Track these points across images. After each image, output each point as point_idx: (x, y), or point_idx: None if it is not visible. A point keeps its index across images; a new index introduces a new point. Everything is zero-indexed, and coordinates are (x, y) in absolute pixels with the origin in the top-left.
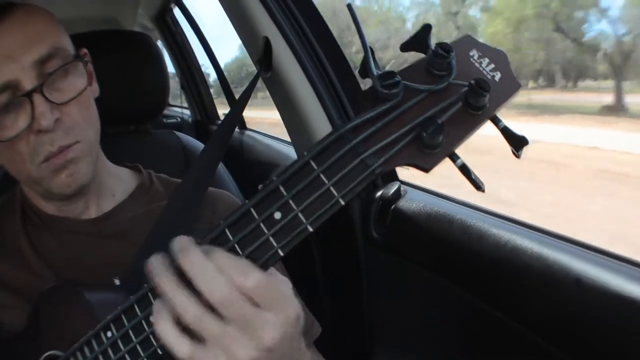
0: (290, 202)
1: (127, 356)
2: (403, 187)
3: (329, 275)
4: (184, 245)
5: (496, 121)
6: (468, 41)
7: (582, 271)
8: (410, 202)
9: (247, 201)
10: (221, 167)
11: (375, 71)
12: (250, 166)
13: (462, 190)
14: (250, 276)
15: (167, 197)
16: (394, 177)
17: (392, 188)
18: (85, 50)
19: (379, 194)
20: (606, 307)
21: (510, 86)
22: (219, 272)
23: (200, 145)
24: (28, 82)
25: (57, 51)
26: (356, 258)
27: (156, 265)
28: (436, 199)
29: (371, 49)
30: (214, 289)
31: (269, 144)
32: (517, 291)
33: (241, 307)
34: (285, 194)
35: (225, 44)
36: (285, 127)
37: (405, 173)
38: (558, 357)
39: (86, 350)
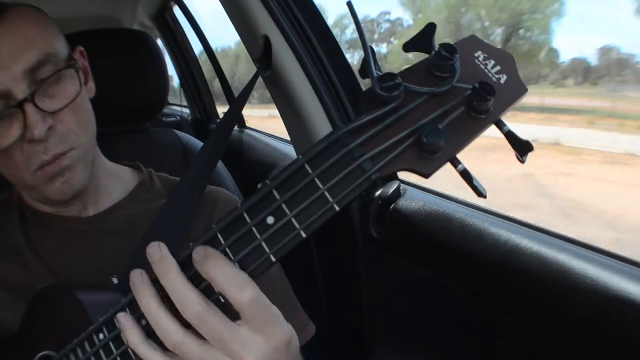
0: (284, 206)
1: (119, 359)
2: (403, 187)
3: (328, 274)
4: (160, 258)
5: (500, 125)
6: (474, 42)
7: (582, 271)
8: (410, 202)
9: (239, 205)
10: (220, 165)
11: (375, 72)
12: (250, 165)
13: None
14: (247, 291)
15: (167, 196)
16: (393, 176)
17: (392, 187)
18: (81, 49)
19: (378, 193)
20: (606, 307)
21: (517, 90)
22: (191, 289)
23: (199, 144)
24: (20, 92)
25: (49, 57)
26: (355, 257)
27: (136, 282)
28: (436, 198)
29: (372, 48)
30: (187, 306)
31: (268, 143)
32: (516, 290)
33: (217, 325)
34: (278, 198)
35: None
36: (285, 126)
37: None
38: (557, 357)
39: (79, 352)
